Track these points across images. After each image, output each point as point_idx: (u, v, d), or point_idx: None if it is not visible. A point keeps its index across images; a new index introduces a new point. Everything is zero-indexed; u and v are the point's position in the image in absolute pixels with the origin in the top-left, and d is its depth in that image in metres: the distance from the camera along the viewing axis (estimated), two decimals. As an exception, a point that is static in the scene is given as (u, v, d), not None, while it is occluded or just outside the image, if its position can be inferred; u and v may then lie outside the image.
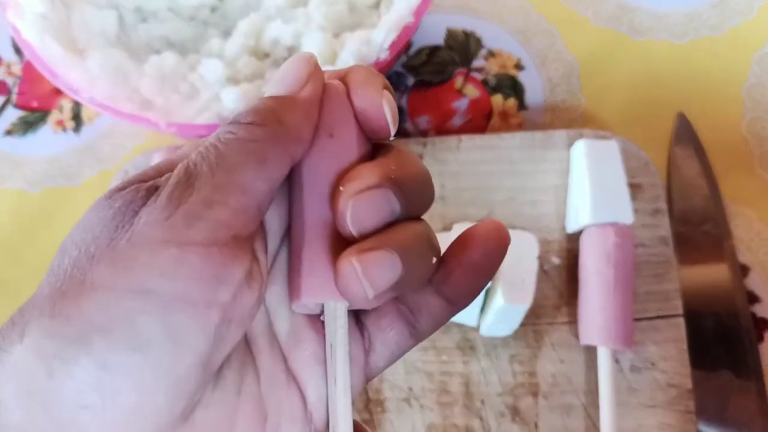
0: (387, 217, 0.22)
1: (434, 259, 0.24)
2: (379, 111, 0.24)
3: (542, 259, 0.48)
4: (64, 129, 0.58)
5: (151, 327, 0.19)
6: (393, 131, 0.24)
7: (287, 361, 0.24)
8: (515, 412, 0.45)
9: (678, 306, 0.47)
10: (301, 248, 0.23)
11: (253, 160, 0.21)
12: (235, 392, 0.23)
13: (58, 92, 0.59)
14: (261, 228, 0.24)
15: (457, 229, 0.47)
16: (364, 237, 0.22)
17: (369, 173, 0.22)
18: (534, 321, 0.47)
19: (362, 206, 0.22)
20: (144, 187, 0.21)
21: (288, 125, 0.22)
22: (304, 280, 0.23)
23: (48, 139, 0.58)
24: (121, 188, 0.21)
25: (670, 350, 0.46)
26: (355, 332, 0.25)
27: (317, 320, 0.25)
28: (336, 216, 0.22)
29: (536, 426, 0.45)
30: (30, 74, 0.60)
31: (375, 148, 0.25)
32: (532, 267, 0.45)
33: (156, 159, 0.50)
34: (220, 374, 0.22)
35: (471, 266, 0.25)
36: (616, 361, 0.46)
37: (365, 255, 0.21)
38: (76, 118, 0.59)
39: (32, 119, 0.59)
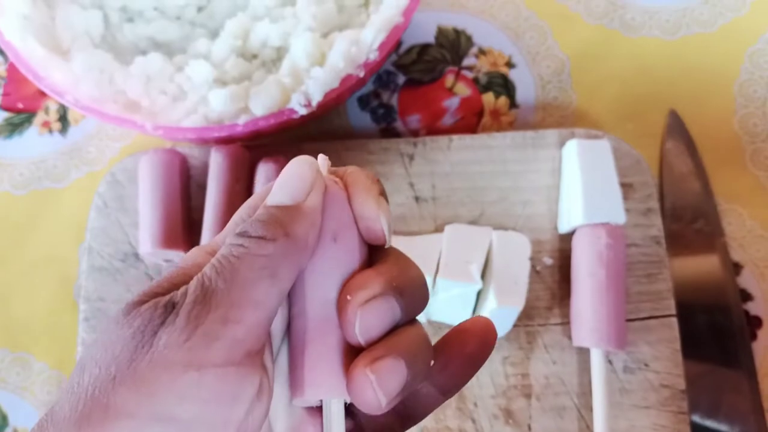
0: (391, 323, 0.24)
1: (431, 360, 0.25)
2: (376, 223, 0.25)
3: (534, 259, 0.48)
4: (50, 131, 0.57)
5: None
6: (389, 241, 0.25)
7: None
8: (508, 414, 0.45)
9: (671, 306, 0.47)
10: (304, 347, 0.24)
11: (265, 275, 0.22)
12: None
13: (43, 94, 0.58)
14: (267, 336, 0.24)
15: (449, 231, 0.47)
16: (369, 343, 0.23)
17: (374, 282, 0.24)
18: (526, 322, 0.47)
19: (369, 315, 0.23)
20: (161, 304, 0.22)
21: (296, 237, 0.23)
22: (308, 377, 0.24)
23: (34, 141, 0.57)
24: (138, 303, 0.22)
25: (662, 350, 0.46)
26: (348, 422, 0.26)
27: (315, 412, 0.25)
28: (344, 325, 0.24)
29: (529, 428, 0.45)
30: (15, 75, 0.59)
31: (372, 249, 0.26)
32: (524, 268, 0.45)
33: (144, 161, 0.49)
34: None
35: (466, 358, 0.26)
36: (609, 362, 0.46)
37: (377, 364, 0.22)
38: (63, 119, 0.58)
39: (18, 121, 0.58)
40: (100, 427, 0.20)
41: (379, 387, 0.22)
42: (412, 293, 0.24)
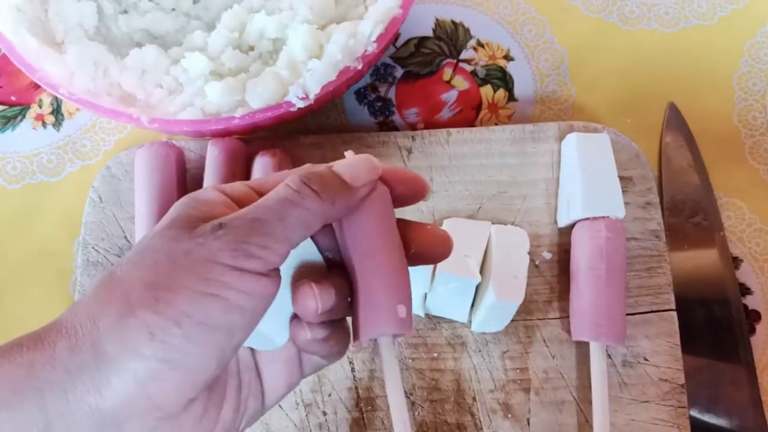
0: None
1: None
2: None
3: (533, 253, 0.48)
4: (44, 124, 0.57)
5: (217, 316, 0.26)
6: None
7: (255, 355, 0.33)
8: (507, 409, 0.45)
9: (670, 300, 0.47)
10: (357, 302, 0.31)
11: (303, 224, 0.28)
12: (230, 370, 0.31)
13: (37, 86, 0.57)
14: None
15: (448, 225, 0.46)
16: None
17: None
18: (525, 317, 0.47)
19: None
20: (216, 223, 0.27)
21: (337, 208, 0.30)
22: (361, 326, 0.31)
23: (28, 134, 0.57)
24: (190, 220, 0.28)
25: (662, 345, 0.46)
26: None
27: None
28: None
29: (528, 422, 0.45)
30: (7, 68, 0.58)
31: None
32: (523, 262, 0.45)
33: (139, 155, 0.49)
34: None
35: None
36: (608, 356, 0.45)
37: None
38: (57, 112, 0.57)
39: (11, 114, 0.57)
40: (172, 294, 0.26)
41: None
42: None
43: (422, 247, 0.33)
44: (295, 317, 0.32)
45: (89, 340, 0.26)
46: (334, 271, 0.33)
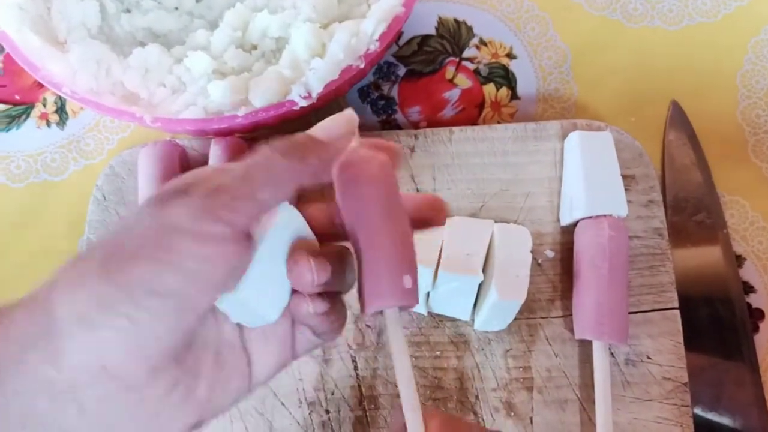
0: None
1: None
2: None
3: (536, 252, 0.48)
4: (48, 123, 0.57)
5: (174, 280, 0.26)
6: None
7: (243, 332, 0.32)
8: (510, 407, 0.45)
9: (673, 298, 0.47)
10: (362, 275, 0.30)
11: (271, 183, 0.28)
12: (205, 344, 0.30)
13: (41, 85, 0.57)
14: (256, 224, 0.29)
15: (450, 223, 0.46)
16: None
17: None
18: (528, 315, 0.47)
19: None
20: (179, 188, 0.27)
21: (309, 164, 0.29)
22: (366, 298, 0.30)
23: (32, 133, 0.57)
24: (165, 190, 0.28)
25: (665, 343, 0.46)
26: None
27: None
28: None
29: (531, 421, 0.45)
30: (11, 67, 0.58)
31: None
32: (525, 261, 0.44)
33: (143, 154, 0.49)
34: (198, 333, 0.29)
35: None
36: (611, 354, 0.45)
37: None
38: (61, 111, 0.57)
39: (15, 113, 0.57)
40: (125, 263, 0.25)
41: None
42: None
43: (415, 211, 0.33)
44: (295, 292, 0.31)
45: (43, 311, 0.25)
46: (329, 245, 0.32)
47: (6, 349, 0.25)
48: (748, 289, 0.51)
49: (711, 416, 0.46)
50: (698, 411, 0.46)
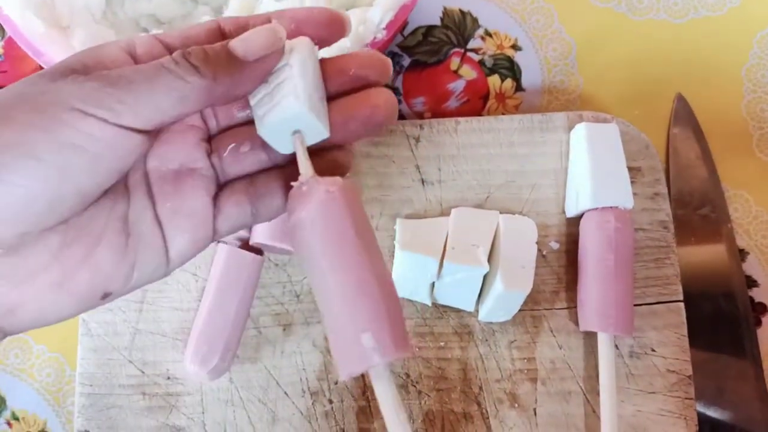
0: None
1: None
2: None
3: (541, 243, 0.47)
4: (49, 109, 0.56)
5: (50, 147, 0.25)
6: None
7: (155, 206, 0.30)
8: (514, 399, 0.45)
9: (678, 291, 0.47)
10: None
11: (175, 96, 0.26)
12: (107, 212, 0.29)
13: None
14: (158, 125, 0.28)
15: (456, 214, 0.46)
16: None
17: None
18: (533, 306, 0.47)
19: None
20: (73, 67, 0.27)
21: (221, 84, 0.27)
22: (337, 365, 0.28)
23: (32, 119, 0.56)
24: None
25: (669, 336, 0.46)
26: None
27: (181, 179, 0.31)
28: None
29: (535, 412, 0.45)
30: (12, 52, 0.58)
31: None
32: (531, 252, 0.44)
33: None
34: (99, 198, 0.28)
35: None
36: (616, 346, 0.45)
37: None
38: (61, 98, 0.57)
39: (15, 99, 0.57)
40: (1, 124, 0.25)
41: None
42: None
43: (359, 68, 0.31)
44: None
45: None
46: None
47: None
48: (752, 283, 0.51)
49: (713, 411, 0.46)
50: (701, 406, 0.46)
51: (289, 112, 0.28)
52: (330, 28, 0.31)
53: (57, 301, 0.28)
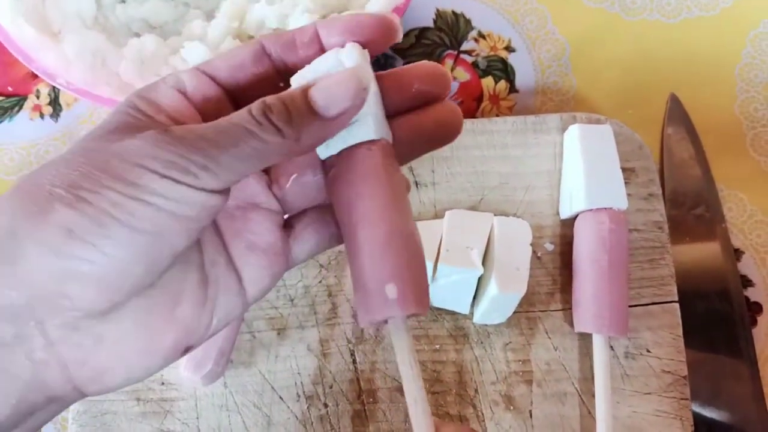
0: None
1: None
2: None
3: (535, 245, 0.47)
4: (42, 115, 0.56)
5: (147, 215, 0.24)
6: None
7: (228, 247, 0.29)
8: (509, 401, 0.45)
9: (673, 291, 0.47)
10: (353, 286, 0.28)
11: (255, 156, 0.25)
12: (185, 266, 0.28)
13: (34, 76, 0.57)
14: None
15: (450, 216, 0.46)
16: None
17: None
18: (527, 308, 0.46)
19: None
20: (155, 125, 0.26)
21: (303, 146, 0.26)
22: (357, 311, 0.28)
23: (25, 125, 0.56)
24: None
25: (664, 336, 0.46)
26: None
27: (247, 216, 0.30)
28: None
29: (531, 414, 0.45)
30: (4, 57, 0.57)
31: None
32: (525, 254, 0.44)
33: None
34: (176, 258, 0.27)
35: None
36: (611, 347, 0.45)
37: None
38: (54, 103, 0.57)
39: (8, 105, 0.57)
40: (93, 193, 0.24)
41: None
42: None
43: (421, 83, 0.29)
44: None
45: (5, 233, 0.24)
46: None
47: None
48: (747, 282, 0.51)
49: (709, 411, 0.46)
50: (696, 405, 0.46)
51: (362, 136, 0.28)
52: (382, 34, 0.29)
53: (142, 363, 0.27)
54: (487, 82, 0.56)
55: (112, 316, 0.26)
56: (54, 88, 0.57)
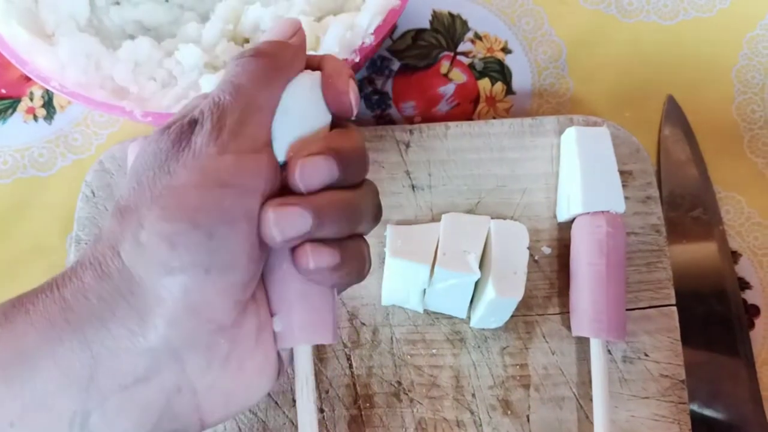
0: (328, 178, 0.28)
1: (356, 223, 0.30)
2: (346, 95, 0.30)
3: (533, 248, 0.47)
4: (36, 118, 0.56)
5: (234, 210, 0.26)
6: (355, 112, 0.31)
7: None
8: (507, 405, 0.45)
9: (670, 295, 0.46)
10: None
11: (261, 84, 0.28)
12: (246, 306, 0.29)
13: (28, 79, 0.56)
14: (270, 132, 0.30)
15: (446, 220, 0.46)
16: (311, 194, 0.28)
17: (315, 143, 0.29)
18: (525, 312, 0.46)
19: (308, 168, 0.28)
20: (186, 121, 0.27)
21: (283, 58, 0.29)
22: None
23: (18, 128, 0.56)
24: (167, 127, 0.28)
25: (662, 340, 0.45)
26: None
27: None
28: (288, 176, 0.28)
29: (528, 419, 0.44)
30: (-3, 60, 0.57)
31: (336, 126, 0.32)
32: (522, 258, 0.44)
33: (132, 149, 0.48)
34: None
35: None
36: (608, 351, 0.45)
37: (280, 208, 0.27)
38: (48, 105, 0.56)
39: (1, 107, 0.56)
40: (175, 198, 0.25)
41: (275, 225, 0.27)
42: (349, 156, 0.29)
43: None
44: (296, 248, 0.29)
45: (115, 267, 0.25)
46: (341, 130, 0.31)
47: (87, 304, 0.25)
48: (744, 285, 0.51)
49: (707, 412, 0.46)
50: (694, 407, 0.46)
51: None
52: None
53: (260, 384, 0.29)
54: (484, 83, 0.56)
55: (237, 333, 0.27)
56: (48, 90, 0.56)
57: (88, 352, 0.24)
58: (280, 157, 0.30)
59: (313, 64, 0.32)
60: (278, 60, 0.29)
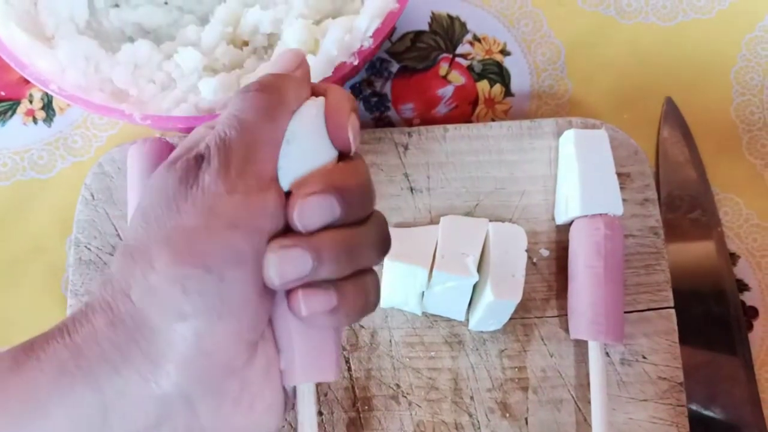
0: (329, 217, 0.27)
1: (359, 261, 0.29)
2: (345, 130, 0.30)
3: (531, 251, 0.47)
4: (35, 120, 0.56)
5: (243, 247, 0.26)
6: (354, 148, 0.30)
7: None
8: (505, 408, 0.45)
9: (668, 297, 0.46)
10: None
11: (265, 119, 0.28)
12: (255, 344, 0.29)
13: (27, 81, 0.56)
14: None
15: (445, 222, 0.46)
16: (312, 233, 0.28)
17: (317, 181, 0.28)
18: (523, 315, 0.46)
19: (308, 207, 0.27)
20: (192, 156, 0.27)
21: (286, 92, 0.29)
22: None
23: (18, 130, 0.56)
24: (172, 162, 0.27)
25: (660, 343, 0.45)
26: None
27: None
28: (288, 214, 0.28)
29: (526, 421, 0.44)
30: (-4, 62, 0.57)
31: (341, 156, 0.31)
32: (521, 260, 0.44)
33: (132, 152, 0.48)
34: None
35: None
36: (607, 354, 0.45)
37: (280, 251, 0.27)
38: (48, 108, 0.56)
39: (1, 109, 0.56)
40: (186, 242, 0.25)
41: (277, 268, 0.26)
42: (353, 193, 0.28)
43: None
44: (291, 291, 0.28)
45: (127, 312, 0.25)
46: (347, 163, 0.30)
47: (98, 350, 0.25)
48: (742, 286, 0.51)
49: (705, 413, 0.46)
50: (692, 408, 0.46)
51: None
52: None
53: (267, 422, 0.28)
54: (483, 85, 0.56)
55: (247, 373, 0.27)
56: (47, 92, 0.56)
57: (100, 399, 0.24)
58: (286, 186, 0.29)
59: (320, 91, 0.31)
60: (283, 94, 0.29)
